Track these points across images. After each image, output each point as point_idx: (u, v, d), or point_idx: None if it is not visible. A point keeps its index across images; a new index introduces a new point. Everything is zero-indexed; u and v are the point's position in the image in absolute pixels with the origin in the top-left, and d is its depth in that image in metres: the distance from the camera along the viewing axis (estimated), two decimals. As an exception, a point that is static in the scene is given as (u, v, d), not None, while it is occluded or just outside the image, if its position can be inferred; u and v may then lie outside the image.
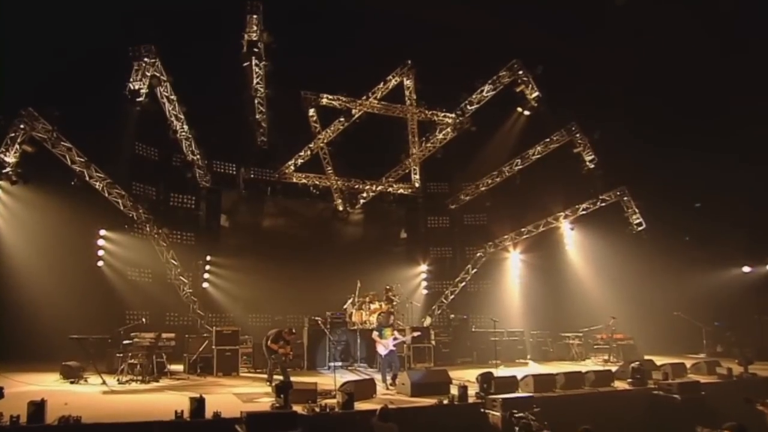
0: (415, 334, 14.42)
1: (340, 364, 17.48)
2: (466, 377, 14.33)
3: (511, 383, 12.24)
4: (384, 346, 13.32)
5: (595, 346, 20.16)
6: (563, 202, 23.21)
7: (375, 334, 13.57)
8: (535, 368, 18.08)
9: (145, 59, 17.00)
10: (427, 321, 19.38)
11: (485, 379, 11.54)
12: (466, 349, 19.29)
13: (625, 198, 22.21)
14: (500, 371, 16.99)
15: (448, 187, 26.42)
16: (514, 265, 25.19)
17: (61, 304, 16.37)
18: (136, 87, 16.74)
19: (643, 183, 22.23)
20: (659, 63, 21.37)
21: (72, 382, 13.45)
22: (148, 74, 17.04)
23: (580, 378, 13.03)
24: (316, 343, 17.60)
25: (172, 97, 18.71)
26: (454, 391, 11.74)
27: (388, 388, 12.88)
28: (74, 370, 13.77)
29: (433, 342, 17.72)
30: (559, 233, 24.26)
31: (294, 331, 14.55)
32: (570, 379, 12.80)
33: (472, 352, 19.30)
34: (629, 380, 13.40)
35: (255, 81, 19.74)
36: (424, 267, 25.66)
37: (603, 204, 22.50)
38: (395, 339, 13.50)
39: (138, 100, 16.88)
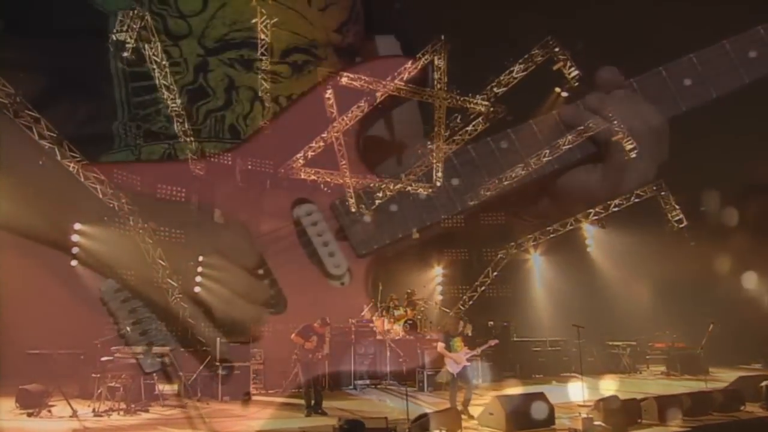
0: (492, 342, 10.75)
1: (368, 382, 13.83)
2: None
3: (634, 410, 8.64)
4: (455, 361, 9.61)
5: (647, 357, 16.76)
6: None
7: (441, 346, 9.86)
8: (590, 384, 14.60)
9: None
10: (469, 329, 15.80)
11: (609, 405, 7.92)
12: (508, 362, 15.75)
13: (663, 193, 19.05)
14: (555, 387, 13.90)
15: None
16: (536, 267, 21.84)
17: (25, 312, 12.60)
18: (122, 38, 12.81)
19: (684, 175, 19.10)
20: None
21: (30, 414, 9.53)
22: (136, 27, 13.10)
23: (708, 400, 9.55)
24: (339, 357, 13.79)
25: (164, 62, 14.75)
26: (565, 422, 8.12)
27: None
28: (35, 397, 9.97)
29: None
30: (580, 233, 21.19)
31: (328, 321, 10.86)
32: (697, 402, 9.29)
33: (515, 364, 15.81)
34: (761, 403, 9.96)
35: (260, 49, 16.01)
36: (438, 270, 22.06)
37: (637, 200, 19.34)
38: (466, 352, 9.82)
39: (124, 55, 12.94)
